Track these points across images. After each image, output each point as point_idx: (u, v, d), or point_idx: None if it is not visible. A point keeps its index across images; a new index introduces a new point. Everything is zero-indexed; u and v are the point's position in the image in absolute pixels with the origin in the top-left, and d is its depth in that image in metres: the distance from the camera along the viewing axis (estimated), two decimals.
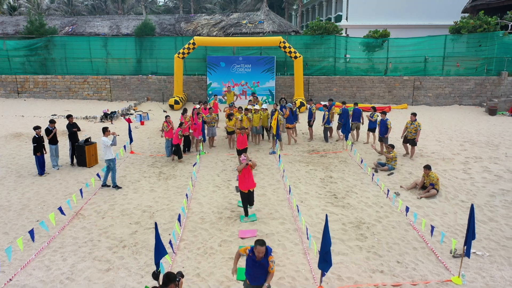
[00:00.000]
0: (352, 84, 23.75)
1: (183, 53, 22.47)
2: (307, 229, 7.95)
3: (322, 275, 6.62)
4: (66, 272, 7.25)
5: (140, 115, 20.46)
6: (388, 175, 12.33)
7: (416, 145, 13.66)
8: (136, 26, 27.42)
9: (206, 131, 15.18)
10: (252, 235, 8.54)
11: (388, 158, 12.75)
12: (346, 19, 38.83)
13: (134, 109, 22.83)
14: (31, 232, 7.40)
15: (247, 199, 9.21)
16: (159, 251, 6.14)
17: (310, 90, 24.07)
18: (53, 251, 7.96)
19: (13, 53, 26.11)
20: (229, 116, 14.61)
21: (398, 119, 19.81)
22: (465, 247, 6.83)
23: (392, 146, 12.81)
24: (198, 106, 16.59)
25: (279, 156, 13.02)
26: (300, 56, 21.88)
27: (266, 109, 15.77)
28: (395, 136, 16.01)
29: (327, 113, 15.83)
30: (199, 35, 27.64)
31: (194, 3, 50.91)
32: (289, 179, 11.60)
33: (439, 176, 11.52)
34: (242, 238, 8.45)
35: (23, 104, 24.05)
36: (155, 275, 6.19)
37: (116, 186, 11.34)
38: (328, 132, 16.26)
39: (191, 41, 22.28)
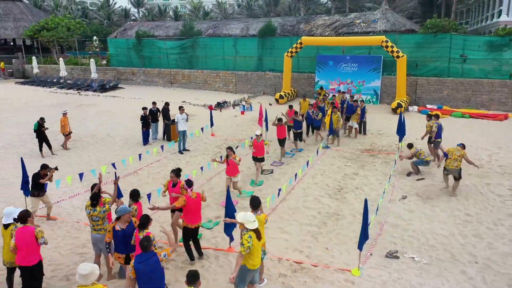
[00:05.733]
0: (466, 88, 21.34)
1: (291, 52, 24.37)
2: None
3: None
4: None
5: (244, 105, 23.42)
6: (418, 180, 11.86)
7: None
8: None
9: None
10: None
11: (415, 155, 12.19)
12: (507, 14, 33.72)
13: (246, 101, 25.97)
14: (81, 175, 10.83)
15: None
16: None
17: (418, 91, 22.71)
18: None
19: (170, 51, 32.75)
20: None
21: None
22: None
23: (411, 145, 12.41)
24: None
25: (317, 149, 13.85)
26: (403, 56, 21.04)
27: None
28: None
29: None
30: (312, 35, 28.90)
31: (350, 3, 51.03)
32: (316, 170, 12.64)
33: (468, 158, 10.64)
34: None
35: (173, 92, 30.06)
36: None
37: (181, 152, 15.04)
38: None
39: (299, 41, 23.98)
